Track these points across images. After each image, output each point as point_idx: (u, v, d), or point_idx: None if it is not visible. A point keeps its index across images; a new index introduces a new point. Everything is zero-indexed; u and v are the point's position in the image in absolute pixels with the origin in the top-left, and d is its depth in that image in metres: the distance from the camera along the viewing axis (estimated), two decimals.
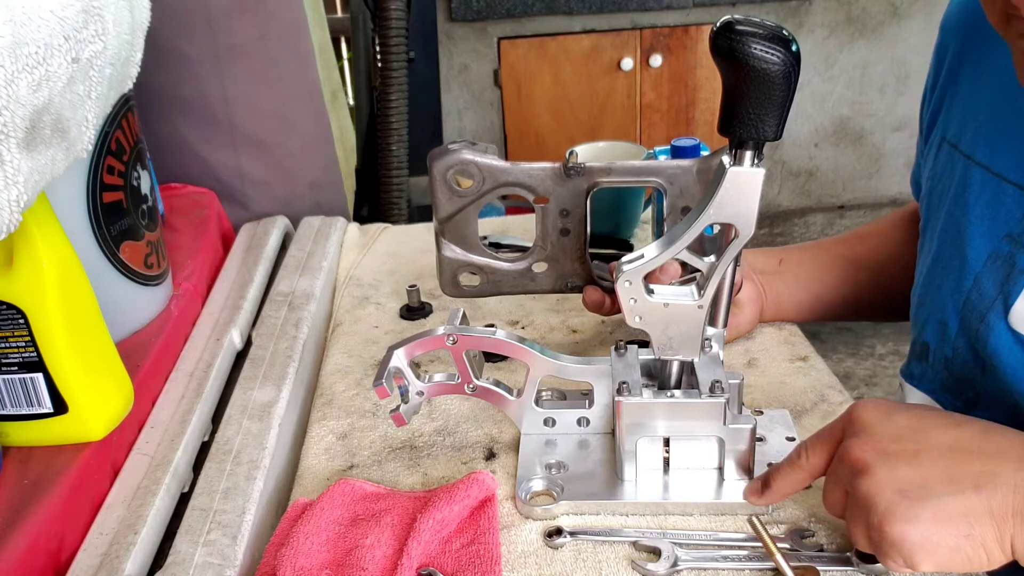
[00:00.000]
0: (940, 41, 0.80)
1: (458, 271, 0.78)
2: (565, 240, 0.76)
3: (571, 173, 0.73)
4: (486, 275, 0.78)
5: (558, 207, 0.75)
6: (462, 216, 0.75)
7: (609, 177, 0.74)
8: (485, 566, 0.60)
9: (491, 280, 0.78)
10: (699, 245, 0.61)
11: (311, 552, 0.61)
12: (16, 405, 0.68)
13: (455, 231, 0.76)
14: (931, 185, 0.77)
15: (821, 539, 0.62)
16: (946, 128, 0.76)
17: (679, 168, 0.74)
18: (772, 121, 0.55)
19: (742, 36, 0.52)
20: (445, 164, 0.73)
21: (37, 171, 0.57)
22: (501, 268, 0.78)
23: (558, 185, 0.74)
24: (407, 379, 0.68)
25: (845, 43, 2.79)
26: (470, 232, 0.77)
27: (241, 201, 1.19)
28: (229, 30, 1.10)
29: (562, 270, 0.78)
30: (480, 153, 0.74)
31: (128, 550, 0.61)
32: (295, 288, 0.98)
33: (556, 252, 0.77)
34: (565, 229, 0.76)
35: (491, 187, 0.74)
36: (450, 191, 0.74)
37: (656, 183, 0.75)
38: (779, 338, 0.87)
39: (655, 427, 0.65)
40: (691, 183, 0.74)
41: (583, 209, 0.75)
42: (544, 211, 0.75)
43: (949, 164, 0.74)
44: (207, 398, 0.79)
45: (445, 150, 0.74)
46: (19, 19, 0.53)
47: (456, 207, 0.75)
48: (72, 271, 0.68)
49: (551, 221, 0.76)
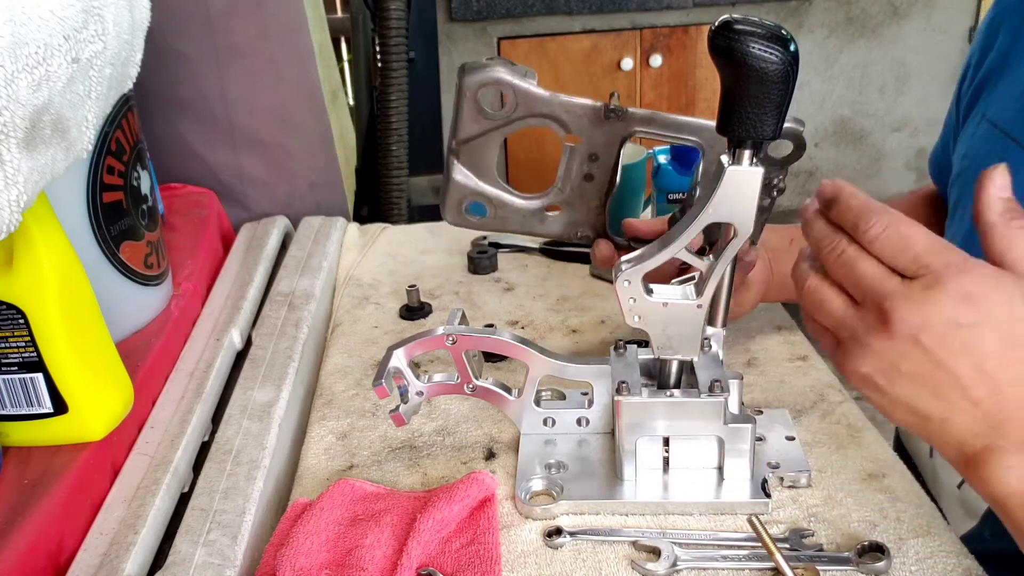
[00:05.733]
0: (992, 17, 0.78)
1: (466, 198, 0.73)
2: (586, 186, 0.72)
3: (611, 115, 0.69)
4: (495, 208, 0.73)
5: (588, 150, 0.71)
6: (483, 140, 0.70)
7: (649, 127, 0.70)
8: (485, 566, 0.60)
9: (499, 215, 0.73)
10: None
11: (311, 552, 0.61)
12: (16, 405, 0.68)
13: (471, 155, 0.71)
14: (967, 164, 0.75)
15: (821, 539, 0.62)
16: (987, 107, 0.75)
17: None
18: (771, 120, 0.55)
19: (741, 35, 0.52)
20: (477, 80, 0.68)
21: (37, 171, 0.57)
22: (512, 204, 0.73)
23: (594, 126, 0.69)
24: (407, 379, 0.68)
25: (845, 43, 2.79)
26: (487, 159, 0.72)
27: (241, 201, 1.19)
28: (229, 30, 1.10)
29: (575, 217, 0.74)
30: (519, 75, 0.68)
31: (128, 550, 0.61)
32: (295, 288, 0.98)
33: (574, 197, 0.73)
34: (590, 175, 0.72)
35: (523, 115, 0.69)
36: (477, 111, 0.69)
37: (695, 143, 0.70)
38: (779, 338, 0.87)
39: (654, 427, 0.65)
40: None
41: (614, 157, 0.71)
42: (572, 151, 0.71)
43: (988, 143, 0.72)
44: (207, 398, 0.79)
45: (481, 65, 0.68)
46: (19, 19, 0.53)
47: (480, 129, 0.70)
48: (72, 271, 0.68)
49: (577, 163, 0.71)
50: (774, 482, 0.67)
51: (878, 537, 0.62)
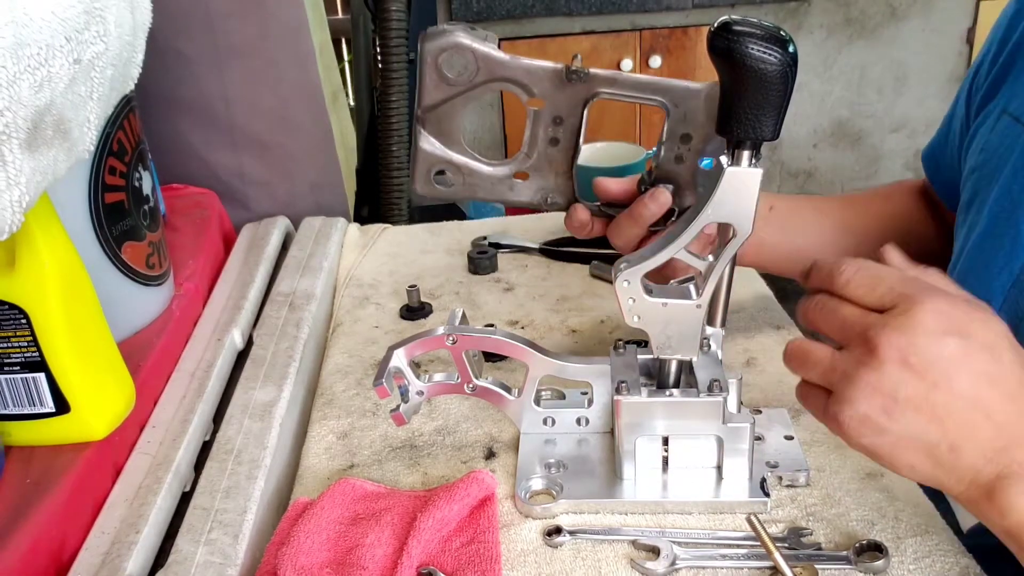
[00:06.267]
0: (1015, 12, 0.76)
1: (434, 167, 0.72)
2: (552, 151, 0.71)
3: (572, 78, 0.68)
4: (463, 176, 0.72)
5: (552, 113, 0.69)
6: (448, 108, 0.70)
7: (612, 88, 0.68)
8: (485, 565, 0.60)
9: (467, 183, 0.72)
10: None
11: (312, 551, 0.61)
12: (18, 405, 0.68)
13: (437, 123, 0.70)
14: (983, 159, 0.74)
15: (819, 538, 0.62)
16: (1008, 101, 0.73)
17: (687, 90, 0.69)
18: (770, 121, 0.55)
19: (739, 36, 0.53)
20: (437, 46, 0.67)
21: (39, 172, 0.57)
22: (480, 171, 0.72)
23: (556, 89, 0.68)
24: (407, 379, 0.69)
25: (844, 44, 2.80)
26: (454, 127, 0.71)
27: (242, 201, 1.19)
28: (230, 31, 1.10)
29: (544, 183, 0.73)
30: (479, 40, 0.67)
31: (130, 549, 0.61)
32: (296, 288, 0.99)
33: (541, 163, 0.72)
34: (555, 139, 0.70)
35: (485, 79, 0.68)
36: (439, 77, 0.68)
37: (660, 102, 0.69)
38: (778, 337, 0.87)
39: (654, 426, 0.65)
40: (697, 108, 0.69)
41: (578, 120, 0.70)
42: (537, 115, 0.70)
43: (1008, 137, 0.71)
44: (208, 398, 0.79)
45: (440, 31, 0.67)
46: (21, 20, 0.53)
47: (443, 96, 0.69)
48: (74, 271, 0.68)
49: (542, 128, 0.70)
50: (773, 481, 0.67)
51: (876, 536, 0.62)
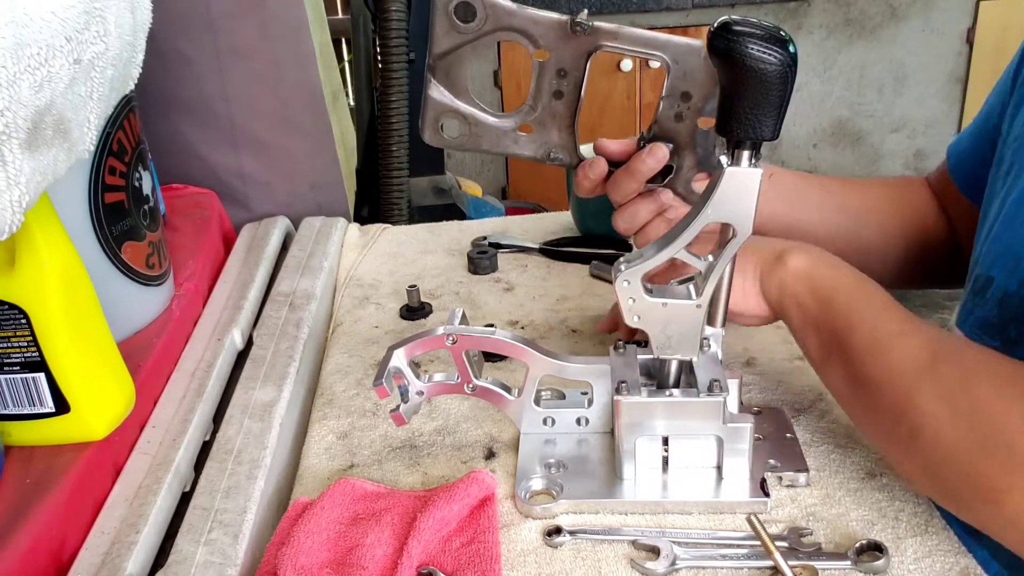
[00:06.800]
0: None
1: (442, 115, 0.74)
2: (556, 104, 0.73)
3: (576, 30, 0.69)
4: (469, 126, 0.74)
5: (556, 65, 0.71)
6: (456, 56, 0.72)
7: (615, 42, 0.70)
8: (485, 565, 0.60)
9: (473, 133, 0.74)
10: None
11: (312, 551, 0.61)
12: (18, 405, 0.68)
13: (446, 72, 0.73)
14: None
15: (819, 538, 0.62)
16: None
17: (689, 47, 0.70)
18: (769, 121, 0.55)
19: (739, 36, 0.53)
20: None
21: (39, 172, 0.57)
22: (486, 122, 0.74)
23: (561, 41, 0.70)
24: (407, 379, 0.69)
25: (843, 44, 2.80)
26: (461, 76, 0.73)
27: (242, 202, 1.19)
28: (230, 31, 1.10)
29: (548, 137, 0.74)
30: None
31: (130, 549, 0.62)
32: (296, 288, 0.99)
33: (545, 116, 0.74)
34: (559, 91, 0.72)
35: (492, 28, 0.70)
36: (449, 24, 0.70)
37: (661, 58, 0.71)
38: (777, 337, 0.87)
39: (654, 426, 0.65)
40: (698, 66, 0.70)
41: (581, 73, 0.71)
42: (542, 67, 0.72)
43: None
44: (208, 398, 0.79)
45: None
46: (21, 20, 0.53)
47: (453, 43, 0.71)
48: (74, 271, 0.68)
49: (547, 79, 0.72)
50: (773, 481, 0.67)
51: (876, 536, 0.62)
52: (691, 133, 0.72)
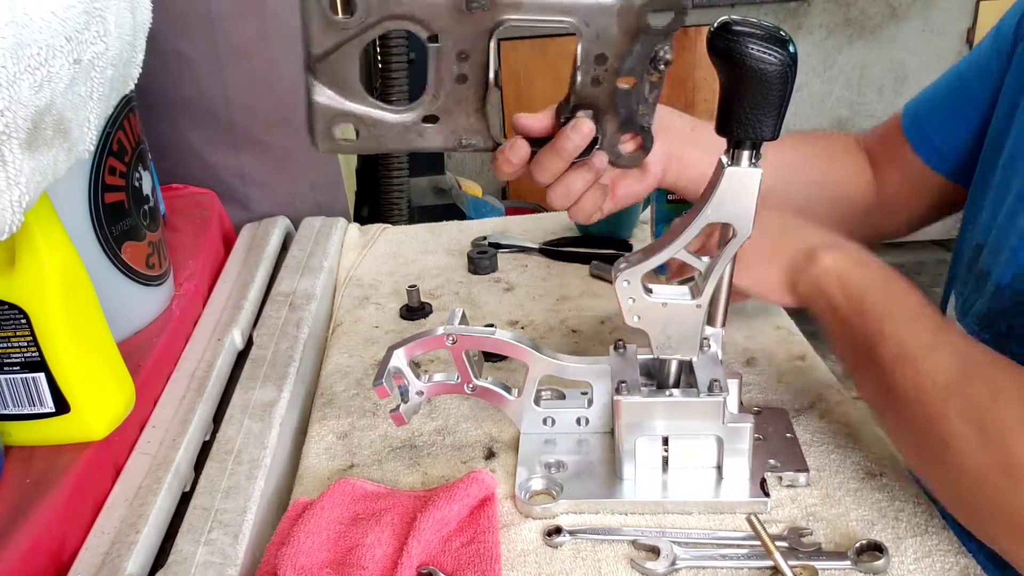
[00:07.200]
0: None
1: (333, 121, 0.67)
2: (461, 89, 0.66)
3: (474, 6, 0.63)
4: (367, 128, 0.67)
5: (456, 48, 0.65)
6: (340, 55, 0.64)
7: (518, 13, 0.64)
8: (485, 565, 0.60)
9: (373, 134, 0.67)
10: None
11: (312, 551, 0.61)
12: (18, 405, 0.68)
13: (331, 72, 0.65)
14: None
15: (819, 538, 0.62)
16: None
17: (599, 6, 0.64)
18: (769, 121, 0.55)
19: (739, 36, 0.53)
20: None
21: (39, 172, 0.57)
22: (385, 120, 0.67)
23: (457, 21, 0.63)
24: (407, 379, 0.69)
25: (843, 44, 2.80)
26: (349, 75, 0.65)
27: (242, 202, 1.19)
28: (230, 31, 1.10)
29: (456, 124, 0.68)
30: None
31: (130, 549, 0.61)
32: (296, 288, 0.99)
33: (450, 103, 0.67)
34: (462, 75, 0.66)
35: (378, 18, 0.62)
36: (326, 20, 0.62)
37: (571, 23, 0.64)
38: (777, 337, 0.87)
39: (654, 426, 0.65)
40: (610, 24, 0.64)
41: (485, 52, 0.65)
42: (439, 52, 0.65)
43: None
44: (208, 398, 0.79)
45: None
46: (21, 20, 0.53)
47: (334, 42, 0.63)
48: (74, 271, 0.68)
49: (447, 65, 0.65)
50: (773, 481, 0.67)
51: (876, 536, 0.62)
52: (610, 95, 0.67)
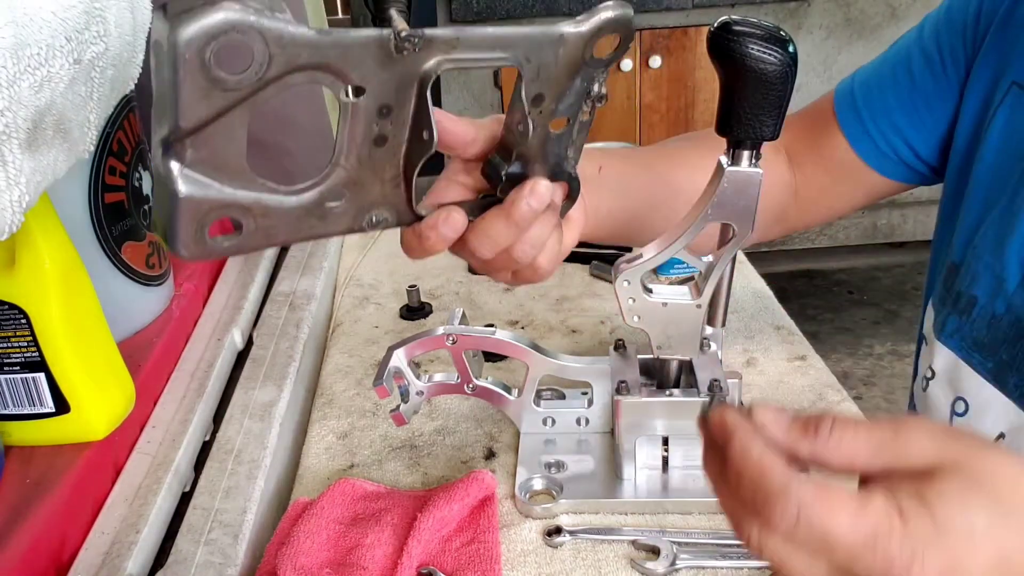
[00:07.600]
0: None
1: (207, 217, 0.47)
2: (378, 153, 0.51)
3: (405, 47, 0.48)
4: (254, 219, 0.49)
5: (378, 102, 0.49)
6: (220, 125, 0.45)
7: (454, 54, 0.50)
8: (485, 565, 0.60)
9: (261, 226, 0.49)
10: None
11: (312, 551, 0.61)
12: (18, 405, 0.68)
13: (206, 150, 0.45)
14: (1004, 139, 0.71)
15: None
16: (1019, 72, 0.70)
17: (543, 36, 0.51)
18: (769, 121, 0.55)
19: (740, 36, 0.53)
20: (203, 31, 0.41)
21: (39, 172, 0.57)
22: (277, 207, 0.50)
23: (382, 67, 0.48)
24: (407, 379, 0.69)
25: (843, 44, 2.80)
26: (231, 151, 0.46)
27: None
28: None
29: (366, 198, 0.52)
30: (262, 12, 0.42)
31: (130, 549, 0.62)
32: (296, 288, 0.99)
33: (362, 172, 0.52)
34: (381, 136, 0.50)
35: (281, 71, 0.44)
36: (207, 81, 0.43)
37: (510, 60, 0.52)
38: (777, 337, 0.87)
39: (654, 426, 0.65)
40: (550, 59, 0.52)
41: (412, 105, 0.50)
42: (354, 109, 0.49)
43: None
44: (208, 398, 0.79)
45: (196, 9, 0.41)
46: (21, 20, 0.53)
47: (215, 109, 0.44)
48: (74, 271, 0.68)
49: (363, 125, 0.50)
50: None
51: None
52: (542, 141, 0.55)
